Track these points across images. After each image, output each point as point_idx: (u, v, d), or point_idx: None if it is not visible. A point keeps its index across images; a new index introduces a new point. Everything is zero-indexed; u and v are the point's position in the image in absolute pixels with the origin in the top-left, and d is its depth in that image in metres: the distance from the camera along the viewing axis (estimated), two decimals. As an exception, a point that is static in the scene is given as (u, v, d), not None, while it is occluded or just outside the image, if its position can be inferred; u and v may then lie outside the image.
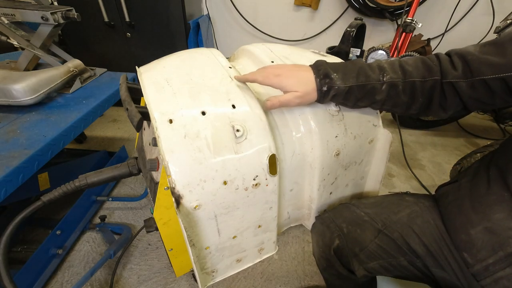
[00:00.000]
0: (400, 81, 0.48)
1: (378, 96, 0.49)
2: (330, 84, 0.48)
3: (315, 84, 0.49)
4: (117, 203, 1.27)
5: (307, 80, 0.49)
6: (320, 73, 0.49)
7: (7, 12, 0.88)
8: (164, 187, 0.47)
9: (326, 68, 0.49)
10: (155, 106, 0.47)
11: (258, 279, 1.00)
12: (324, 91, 0.49)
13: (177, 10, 1.58)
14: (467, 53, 0.45)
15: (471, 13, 1.84)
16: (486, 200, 0.47)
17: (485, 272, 0.47)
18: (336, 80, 0.48)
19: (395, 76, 0.48)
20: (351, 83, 0.48)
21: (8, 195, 0.62)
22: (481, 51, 0.44)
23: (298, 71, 0.50)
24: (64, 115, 0.84)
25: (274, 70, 0.51)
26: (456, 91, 0.47)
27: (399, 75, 0.48)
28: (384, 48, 1.42)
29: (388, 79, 0.48)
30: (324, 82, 0.48)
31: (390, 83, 0.48)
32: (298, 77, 0.49)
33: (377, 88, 0.49)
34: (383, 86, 0.48)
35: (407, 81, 0.48)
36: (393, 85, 0.48)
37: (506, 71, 0.41)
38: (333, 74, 0.48)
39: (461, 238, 0.50)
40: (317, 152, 0.56)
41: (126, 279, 0.97)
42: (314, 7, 1.94)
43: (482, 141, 1.87)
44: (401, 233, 0.55)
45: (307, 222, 0.71)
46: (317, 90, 0.49)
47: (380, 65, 0.50)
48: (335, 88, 0.48)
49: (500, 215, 0.45)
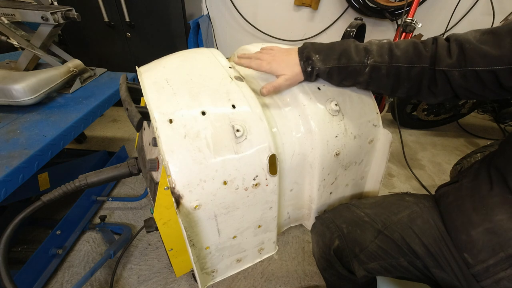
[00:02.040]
0: (384, 65, 0.50)
1: (360, 78, 0.52)
2: (312, 65, 0.53)
3: (300, 66, 0.54)
4: (117, 203, 1.27)
5: (294, 63, 0.54)
6: (304, 55, 0.54)
7: (7, 12, 0.88)
8: (164, 187, 0.47)
9: (309, 51, 0.53)
10: (155, 106, 0.47)
11: (258, 279, 1.00)
12: (309, 71, 0.54)
13: (177, 10, 1.58)
14: (465, 40, 0.44)
15: (471, 13, 1.84)
16: (488, 201, 0.47)
17: (485, 273, 0.47)
18: (316, 61, 0.53)
19: (380, 59, 0.50)
20: (332, 64, 0.52)
21: (8, 195, 0.62)
22: (479, 39, 0.43)
23: (286, 55, 0.56)
24: (64, 115, 0.84)
25: (267, 57, 0.57)
26: (447, 79, 0.47)
27: (384, 59, 0.50)
28: (384, 48, 1.41)
29: (372, 62, 0.50)
30: (308, 63, 0.53)
31: (373, 66, 0.50)
32: (285, 62, 0.55)
33: (358, 70, 0.51)
34: (366, 69, 0.51)
35: (392, 65, 0.49)
36: (376, 68, 0.50)
37: (498, 64, 0.41)
38: (314, 56, 0.53)
39: (462, 238, 0.50)
40: (317, 152, 0.56)
41: (126, 279, 0.97)
42: (314, 7, 1.94)
43: (482, 141, 1.87)
44: (401, 234, 0.55)
45: (307, 222, 0.71)
46: (302, 71, 0.54)
47: (367, 47, 0.51)
48: (316, 69, 0.53)
49: (502, 216, 0.45)
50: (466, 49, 0.44)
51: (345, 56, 0.51)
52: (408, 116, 1.89)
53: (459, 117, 1.89)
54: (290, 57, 0.55)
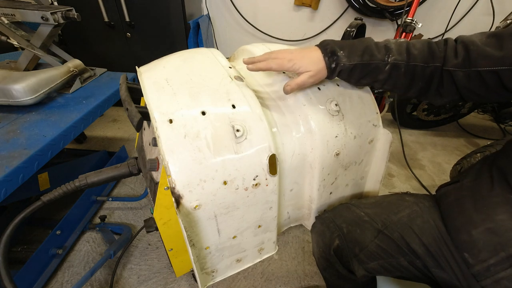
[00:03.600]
0: (403, 64, 0.49)
1: (381, 76, 0.51)
2: (337, 61, 0.51)
3: (324, 62, 0.51)
4: (117, 203, 1.27)
5: (317, 59, 0.52)
6: (328, 51, 0.51)
7: (7, 12, 0.88)
8: (164, 187, 0.47)
9: (333, 46, 0.51)
10: (155, 106, 0.47)
11: (258, 279, 1.00)
12: (333, 67, 0.51)
13: (177, 10, 1.58)
14: (471, 42, 0.46)
15: (471, 13, 1.84)
16: (489, 201, 0.47)
17: (486, 273, 0.47)
18: (342, 57, 0.50)
19: (400, 58, 0.49)
20: (356, 61, 0.50)
21: (8, 195, 0.62)
22: (484, 41, 0.45)
23: (307, 52, 0.53)
24: (64, 115, 0.84)
25: (285, 54, 0.53)
26: (453, 80, 0.48)
27: (403, 57, 0.50)
28: (384, 48, 1.41)
29: (392, 60, 0.50)
30: (332, 59, 0.51)
31: (393, 64, 0.50)
32: (309, 58, 0.52)
33: (380, 67, 0.50)
34: (387, 67, 0.50)
35: (410, 64, 0.49)
36: (396, 66, 0.50)
37: (500, 64, 0.42)
38: (339, 52, 0.51)
39: (462, 238, 0.50)
40: (317, 152, 0.56)
41: (126, 279, 0.97)
42: (314, 7, 1.94)
43: (482, 141, 1.87)
44: (401, 233, 0.55)
45: (307, 222, 0.71)
46: (326, 67, 0.52)
47: (387, 45, 0.51)
48: (341, 65, 0.51)
49: (503, 216, 0.45)
50: (470, 50, 0.45)
51: (368, 53, 0.50)
52: (408, 116, 1.89)
53: (459, 117, 1.89)
54: (312, 53, 0.52)
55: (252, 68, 0.55)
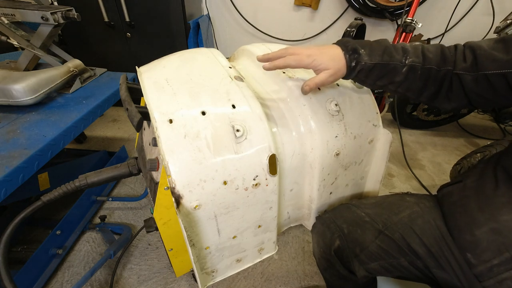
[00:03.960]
0: (420, 66, 0.49)
1: (398, 78, 0.50)
2: (357, 60, 0.49)
3: (344, 60, 0.50)
4: (117, 203, 1.27)
5: (337, 56, 0.50)
6: (349, 48, 0.49)
7: (7, 12, 0.88)
8: (164, 187, 0.47)
9: (354, 44, 0.50)
10: (155, 106, 0.47)
11: (258, 279, 1.00)
12: (352, 66, 0.50)
13: (177, 10, 1.58)
14: (478, 47, 0.47)
15: (471, 13, 1.84)
16: (494, 201, 0.47)
17: (488, 273, 0.46)
18: (364, 56, 0.49)
19: (417, 60, 0.49)
20: (377, 60, 0.49)
21: (8, 195, 0.62)
22: (491, 46, 0.45)
23: (326, 49, 0.51)
24: (64, 115, 0.84)
25: (303, 50, 0.51)
26: (461, 84, 0.48)
27: (420, 59, 0.49)
28: (384, 48, 1.41)
29: (410, 62, 0.49)
30: (353, 57, 0.49)
31: (410, 66, 0.49)
32: (328, 55, 0.50)
33: (398, 69, 0.49)
34: (404, 68, 0.49)
35: (425, 67, 0.49)
36: (413, 68, 0.49)
37: (507, 67, 0.42)
38: (361, 50, 0.49)
39: (465, 238, 0.49)
40: (317, 152, 0.56)
41: (126, 279, 0.97)
42: (314, 7, 1.94)
43: (482, 141, 1.87)
44: (402, 234, 0.55)
45: (307, 222, 0.71)
46: (346, 65, 0.50)
47: (404, 47, 0.51)
48: (362, 63, 0.49)
49: (508, 216, 0.45)
50: (477, 54, 0.46)
51: (387, 53, 0.49)
52: (408, 116, 1.89)
53: (459, 117, 1.88)
54: (332, 50, 0.50)
55: (269, 67, 0.52)
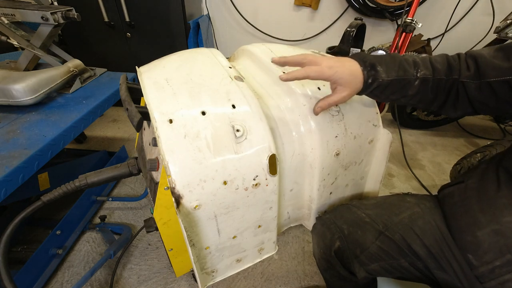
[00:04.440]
0: (431, 78, 0.49)
1: (411, 91, 0.50)
2: (375, 77, 0.48)
3: (362, 76, 0.48)
4: (117, 203, 1.27)
5: (356, 71, 0.48)
6: (367, 64, 0.48)
7: (7, 12, 0.88)
8: (164, 187, 0.47)
9: (372, 59, 0.49)
10: (155, 106, 0.47)
11: (258, 279, 1.00)
12: (369, 83, 0.49)
13: (177, 10, 1.58)
14: (479, 55, 0.47)
15: (471, 13, 1.84)
16: (496, 203, 0.47)
17: (490, 275, 0.46)
18: (381, 73, 0.48)
19: (428, 72, 0.49)
20: (393, 76, 0.48)
21: (8, 195, 0.62)
22: (492, 55, 0.46)
23: (345, 61, 0.49)
24: (64, 115, 0.84)
25: (324, 61, 0.48)
26: (465, 91, 0.48)
27: (430, 71, 0.49)
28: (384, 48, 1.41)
29: (422, 74, 0.49)
30: (371, 73, 0.48)
31: (422, 79, 0.49)
32: (348, 68, 0.48)
33: (411, 82, 0.49)
34: (416, 81, 0.49)
35: (435, 78, 0.49)
36: (425, 80, 0.49)
37: (509, 74, 0.43)
38: (378, 67, 0.48)
39: (467, 239, 0.49)
40: (317, 152, 0.56)
41: (126, 279, 0.97)
42: (314, 7, 1.94)
43: (482, 141, 1.87)
44: (402, 235, 0.55)
45: (307, 222, 0.71)
46: (363, 81, 0.49)
47: (415, 59, 0.51)
48: (379, 80, 0.48)
49: (510, 218, 0.45)
50: (479, 62, 0.46)
51: (402, 68, 0.49)
52: (408, 116, 1.89)
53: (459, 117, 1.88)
54: (350, 63, 0.48)
55: (287, 78, 0.49)
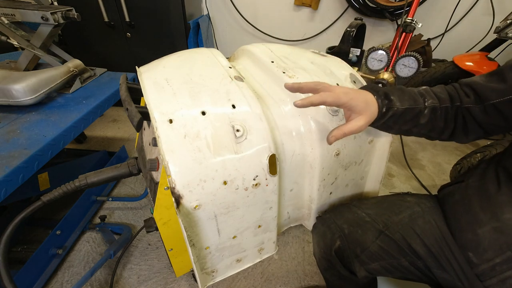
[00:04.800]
0: (438, 106, 0.50)
1: (422, 120, 0.50)
2: (389, 105, 0.49)
3: (377, 105, 0.48)
4: (117, 203, 1.27)
5: (371, 100, 0.48)
6: (380, 93, 0.49)
7: (7, 12, 0.88)
8: (164, 187, 0.47)
9: (384, 89, 0.50)
10: (155, 106, 0.47)
11: (258, 279, 1.00)
12: (383, 112, 0.49)
13: (177, 10, 1.58)
14: (473, 82, 0.49)
15: (471, 13, 1.84)
16: (496, 201, 0.47)
17: (491, 272, 0.46)
18: (395, 101, 0.49)
19: (435, 101, 0.50)
20: (406, 105, 0.49)
21: (8, 195, 0.62)
22: (485, 80, 0.48)
23: (359, 92, 0.48)
24: (64, 115, 0.84)
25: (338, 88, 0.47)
26: (472, 116, 0.49)
27: (436, 100, 0.50)
28: (384, 48, 1.41)
29: (430, 104, 0.50)
30: (385, 103, 0.49)
31: (431, 108, 0.50)
32: (363, 98, 0.47)
33: (422, 111, 0.50)
34: (426, 110, 0.50)
35: (442, 106, 0.50)
36: (434, 109, 0.50)
37: (509, 94, 0.44)
38: (391, 96, 0.49)
39: (467, 237, 0.50)
40: (317, 152, 0.56)
41: (126, 279, 0.97)
42: (314, 7, 1.94)
43: (482, 141, 1.86)
44: (402, 234, 0.55)
45: (307, 222, 0.71)
46: (378, 111, 0.49)
47: (419, 91, 0.52)
48: (394, 109, 0.49)
49: (510, 215, 0.45)
50: (475, 88, 0.48)
51: (412, 98, 0.50)
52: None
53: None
54: (364, 93, 0.48)
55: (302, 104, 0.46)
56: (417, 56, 1.35)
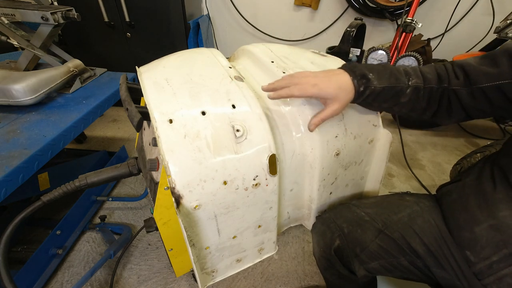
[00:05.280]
0: (422, 86, 0.50)
1: (403, 99, 0.51)
2: (366, 84, 0.49)
3: (352, 86, 0.49)
4: (117, 203, 1.27)
5: (345, 84, 0.49)
6: (357, 74, 0.50)
7: (7, 12, 0.88)
8: (164, 187, 0.47)
9: (361, 68, 0.50)
10: (155, 106, 0.47)
11: (258, 279, 1.00)
12: (361, 91, 0.50)
13: (177, 10, 1.58)
14: (466, 64, 0.48)
15: (471, 13, 1.84)
16: (492, 199, 0.48)
17: (488, 270, 0.47)
18: (373, 80, 0.49)
19: (419, 81, 0.50)
20: (385, 83, 0.49)
21: (8, 195, 0.62)
22: (479, 62, 0.47)
23: (333, 75, 0.50)
24: (64, 115, 0.84)
25: (308, 79, 0.50)
26: (458, 99, 0.49)
27: (421, 80, 0.50)
28: (384, 48, 1.42)
29: (414, 83, 0.50)
30: (362, 82, 0.49)
31: (414, 87, 0.50)
32: (336, 82, 0.49)
33: (403, 90, 0.50)
34: (408, 89, 0.50)
35: (426, 86, 0.50)
36: (417, 89, 0.50)
37: (499, 79, 0.44)
38: (369, 75, 0.49)
39: (465, 235, 0.50)
40: (317, 152, 0.56)
41: (126, 279, 0.97)
42: (314, 7, 1.94)
43: (482, 141, 1.87)
44: (401, 233, 0.55)
45: (307, 222, 0.71)
46: (355, 91, 0.50)
47: (405, 69, 0.52)
48: (371, 88, 0.49)
49: (506, 213, 0.45)
50: (467, 70, 0.47)
51: (394, 76, 0.50)
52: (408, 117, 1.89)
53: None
54: (339, 77, 0.49)
55: (273, 97, 0.52)
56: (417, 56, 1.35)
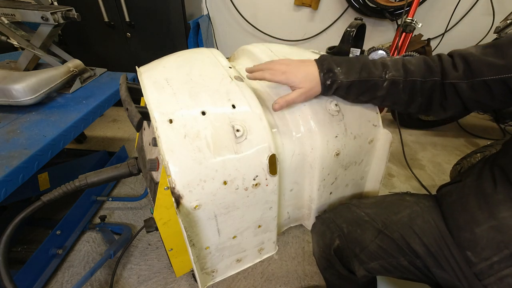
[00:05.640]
0: (401, 79, 0.50)
1: (379, 92, 0.51)
2: (333, 78, 0.51)
3: (319, 78, 0.51)
4: (117, 203, 1.27)
5: (312, 75, 0.51)
6: (324, 67, 0.51)
7: (7, 12, 0.88)
8: (164, 187, 0.47)
9: (330, 62, 0.51)
10: (155, 106, 0.47)
11: (258, 279, 1.00)
12: (328, 84, 0.51)
13: (177, 10, 1.58)
14: (468, 54, 0.46)
15: (471, 13, 1.84)
16: (493, 199, 0.47)
17: (489, 271, 0.47)
18: (339, 74, 0.51)
19: (397, 74, 0.50)
20: (354, 78, 0.50)
21: (8, 195, 0.62)
22: (482, 52, 0.45)
23: (302, 66, 0.52)
24: (64, 115, 0.84)
25: (280, 66, 0.53)
26: (456, 92, 0.48)
27: (401, 73, 0.50)
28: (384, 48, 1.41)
29: (390, 76, 0.50)
30: (328, 76, 0.51)
31: (391, 81, 0.50)
32: (304, 72, 0.51)
33: (378, 84, 0.50)
34: (385, 83, 0.50)
35: (408, 79, 0.50)
36: (394, 82, 0.50)
37: (506, 72, 0.42)
38: (336, 69, 0.51)
39: (465, 236, 0.50)
40: (317, 152, 0.56)
41: (126, 279, 0.97)
42: (314, 7, 1.94)
43: (482, 141, 1.87)
44: (401, 233, 0.55)
45: (307, 222, 0.71)
46: (321, 84, 0.52)
47: (384, 62, 0.52)
48: (338, 82, 0.51)
49: (506, 213, 0.45)
50: (470, 61, 0.45)
51: (365, 70, 0.50)
52: (408, 116, 1.89)
53: (459, 117, 1.88)
54: (308, 68, 0.52)
55: (249, 77, 0.56)
56: (417, 56, 1.35)
